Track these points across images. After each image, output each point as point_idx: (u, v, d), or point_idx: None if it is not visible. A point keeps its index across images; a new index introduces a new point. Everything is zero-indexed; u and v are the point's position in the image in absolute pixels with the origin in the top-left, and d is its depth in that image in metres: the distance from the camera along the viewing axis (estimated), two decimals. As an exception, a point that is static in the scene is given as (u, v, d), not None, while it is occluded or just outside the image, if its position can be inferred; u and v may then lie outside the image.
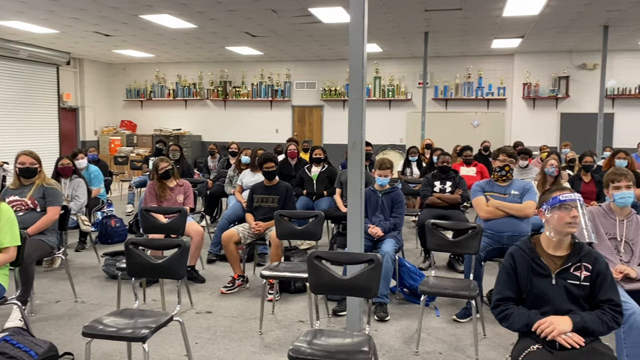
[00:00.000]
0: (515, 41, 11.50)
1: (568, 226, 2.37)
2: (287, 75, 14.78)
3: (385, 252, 4.34)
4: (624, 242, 3.47)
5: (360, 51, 3.84)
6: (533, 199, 4.49)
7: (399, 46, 12.26)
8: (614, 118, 12.74)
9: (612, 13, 8.79)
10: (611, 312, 2.29)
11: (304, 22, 9.68)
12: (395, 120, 14.25)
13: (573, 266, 2.38)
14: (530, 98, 13.17)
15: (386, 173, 4.86)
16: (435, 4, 8.29)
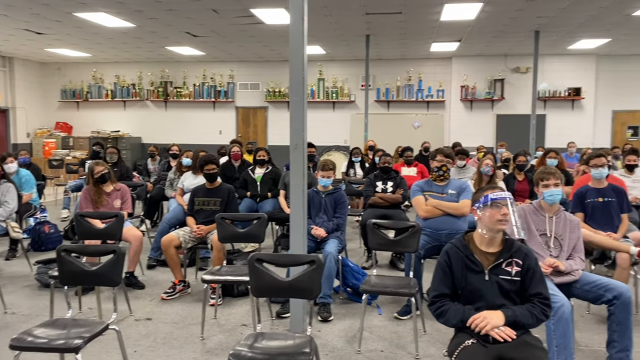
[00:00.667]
0: (452, 45, 11.87)
1: (499, 223, 2.46)
2: (231, 76, 14.62)
3: (329, 253, 4.37)
4: (554, 238, 3.64)
5: (300, 53, 3.85)
6: (469, 197, 4.63)
7: (342, 48, 12.38)
8: (545, 119, 13.38)
9: (542, 19, 9.22)
10: (540, 305, 2.40)
11: (246, 23, 9.60)
12: (339, 121, 14.38)
13: (505, 262, 2.47)
14: (467, 100, 13.62)
15: (329, 174, 4.90)
16: (376, 7, 8.43)
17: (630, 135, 13.42)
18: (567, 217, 3.69)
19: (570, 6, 8.28)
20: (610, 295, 3.25)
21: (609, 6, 8.29)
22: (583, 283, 3.41)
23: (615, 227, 4.57)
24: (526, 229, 3.66)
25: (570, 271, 3.44)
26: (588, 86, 13.17)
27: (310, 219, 4.83)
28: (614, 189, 4.72)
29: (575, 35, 10.75)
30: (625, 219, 4.66)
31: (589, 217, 4.66)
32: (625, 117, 13.44)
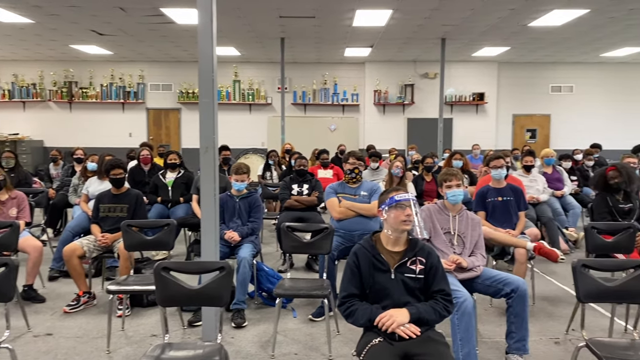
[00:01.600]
0: (365, 50, 12.17)
1: (403, 224, 2.55)
2: (141, 77, 14.07)
3: (242, 258, 4.32)
4: (457, 236, 3.82)
5: (209, 54, 3.78)
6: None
7: (257, 50, 12.31)
8: (452, 123, 14.07)
9: (447, 27, 9.69)
10: (443, 301, 2.50)
11: (156, 22, 9.29)
12: (256, 124, 14.29)
13: (409, 260, 2.56)
14: (380, 104, 14.02)
15: (242, 178, 4.84)
16: (290, 11, 8.46)
17: (529, 137, 14.43)
18: (469, 216, 3.89)
19: (472, 16, 8.76)
20: (509, 289, 3.45)
21: (507, 17, 8.85)
22: (484, 278, 3.60)
23: (513, 224, 4.89)
24: (431, 228, 3.81)
25: (472, 267, 3.62)
26: (491, 91, 14.00)
27: (224, 224, 4.75)
28: (512, 188, 5.04)
29: (478, 43, 11.39)
30: (523, 216, 4.99)
31: (490, 215, 4.95)
32: (524, 120, 14.43)
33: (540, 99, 14.25)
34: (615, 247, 4.01)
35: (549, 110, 14.34)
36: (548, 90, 14.31)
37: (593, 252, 4.08)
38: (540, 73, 14.12)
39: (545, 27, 9.59)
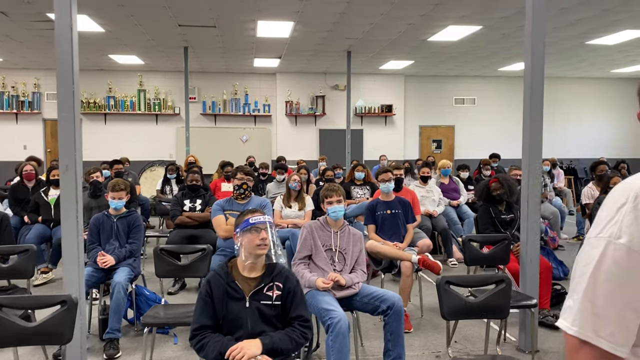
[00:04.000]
0: (274, 61, 12.08)
1: (258, 248, 2.42)
2: (36, 85, 13.16)
3: (117, 283, 4.03)
4: (338, 252, 3.76)
5: (69, 63, 3.51)
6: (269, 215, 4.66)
7: (161, 59, 11.88)
8: (363, 134, 14.28)
9: (351, 40, 9.80)
10: (300, 328, 2.40)
11: (46, 28, 8.68)
12: (164, 135, 13.77)
13: (266, 286, 2.43)
14: (292, 115, 13.98)
15: (120, 195, 4.54)
16: (188, 20, 8.20)
17: (435, 147, 14.94)
18: (351, 231, 3.85)
19: (373, 30, 8.90)
20: (385, 306, 3.42)
21: (406, 32, 9.08)
22: (362, 295, 3.56)
23: (401, 237, 4.92)
24: (312, 246, 3.73)
25: (351, 284, 3.57)
26: (398, 103, 14.36)
27: (100, 246, 4.42)
28: (400, 201, 5.09)
29: (383, 57, 11.63)
30: (411, 229, 5.04)
31: (379, 229, 4.96)
32: (430, 131, 14.92)
33: (444, 110, 14.80)
34: (491, 259, 4.11)
35: (453, 122, 14.92)
36: (452, 102, 14.89)
37: (471, 264, 4.16)
38: (444, 86, 14.68)
39: (443, 42, 9.94)
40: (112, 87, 13.35)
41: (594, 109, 15.33)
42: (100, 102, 13.27)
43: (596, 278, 1.06)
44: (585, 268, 1.08)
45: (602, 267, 1.05)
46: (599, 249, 1.09)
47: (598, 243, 1.10)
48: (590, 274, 1.07)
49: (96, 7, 7.38)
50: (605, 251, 1.08)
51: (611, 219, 1.11)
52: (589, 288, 1.06)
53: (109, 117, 13.48)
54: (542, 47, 3.94)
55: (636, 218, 1.08)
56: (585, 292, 1.06)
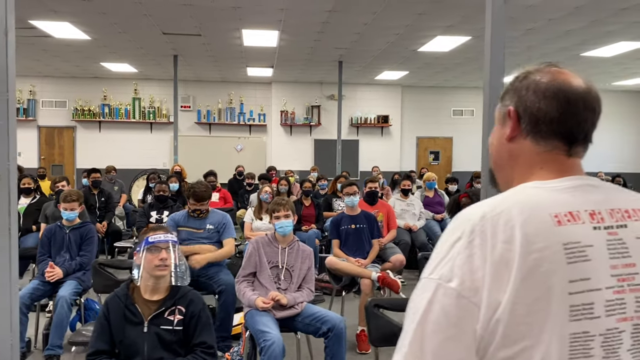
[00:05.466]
0: (267, 70, 12.00)
1: (157, 269, 2.27)
2: (32, 92, 13.19)
3: (60, 297, 3.90)
4: (285, 269, 3.60)
5: (2, 69, 3.38)
6: (231, 234, 4.39)
7: (154, 68, 11.85)
8: (358, 144, 14.13)
9: (340, 50, 9.68)
10: (202, 355, 2.24)
11: (31, 36, 8.67)
12: (158, 143, 13.72)
13: (167, 310, 2.28)
14: (287, 125, 13.87)
15: (72, 206, 4.41)
16: (172, 28, 8.13)
17: (432, 159, 14.73)
18: (300, 248, 3.69)
19: (360, 40, 8.78)
20: (325, 328, 3.25)
21: (395, 42, 8.94)
22: (304, 316, 3.39)
23: (365, 252, 4.75)
24: (257, 262, 3.58)
25: (293, 304, 3.40)
26: (395, 114, 14.20)
27: (50, 258, 4.30)
28: (366, 215, 4.92)
29: (377, 67, 11.50)
30: (376, 244, 4.86)
31: (343, 244, 4.79)
32: (427, 143, 14.73)
33: (442, 122, 14.60)
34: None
35: (451, 133, 14.72)
36: (450, 114, 14.70)
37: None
38: (442, 97, 14.48)
39: (435, 53, 9.79)
40: (107, 95, 13.35)
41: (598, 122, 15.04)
42: (95, 110, 13.27)
43: (423, 329, 0.89)
44: (414, 316, 0.92)
45: (430, 316, 0.90)
46: (428, 293, 0.92)
47: (428, 286, 0.94)
48: (417, 323, 0.90)
49: (76, 14, 7.34)
50: (434, 297, 0.91)
51: (444, 257, 0.95)
52: (415, 342, 0.89)
53: (103, 125, 13.47)
54: (502, 58, 3.78)
55: (469, 257, 0.91)
56: (411, 346, 0.90)
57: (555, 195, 0.97)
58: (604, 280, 0.91)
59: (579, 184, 1.01)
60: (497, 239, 0.91)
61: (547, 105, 1.03)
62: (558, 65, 1.11)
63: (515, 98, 1.07)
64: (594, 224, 0.95)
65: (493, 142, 1.12)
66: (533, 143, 1.05)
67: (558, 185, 1.00)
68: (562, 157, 1.05)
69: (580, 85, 1.06)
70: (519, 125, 1.05)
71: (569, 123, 1.04)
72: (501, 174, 1.11)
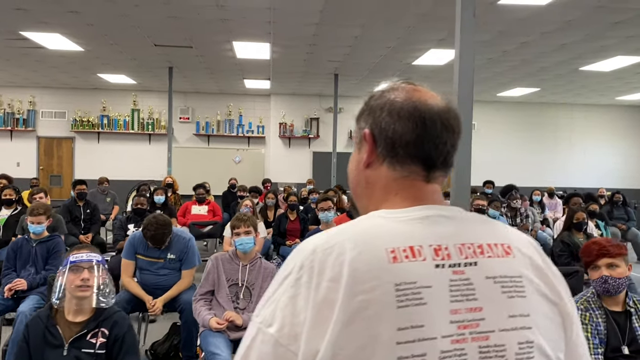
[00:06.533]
0: (264, 82, 11.97)
1: (78, 289, 2.18)
2: (32, 103, 13.26)
3: (21, 312, 3.82)
4: (245, 287, 3.49)
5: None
6: (192, 265, 4.15)
7: (151, 79, 11.88)
8: (358, 157, 14.01)
9: (334, 63, 9.63)
10: (125, 380, 2.14)
11: (25, 47, 8.71)
12: (156, 155, 13.69)
13: (90, 333, 2.18)
14: (286, 137, 13.81)
15: (39, 220, 4.35)
16: (162, 39, 8.12)
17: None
18: (262, 265, 3.59)
19: (353, 52, 8.72)
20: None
21: (388, 55, 8.87)
22: (260, 337, 3.27)
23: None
24: (215, 280, 3.48)
25: (249, 325, 3.29)
26: (395, 127, 14.08)
27: (15, 272, 4.23)
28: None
29: (373, 80, 11.41)
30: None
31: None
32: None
33: (443, 135, 14.46)
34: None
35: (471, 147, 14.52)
36: (451, 127, 14.55)
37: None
38: (442, 110, 14.35)
39: (430, 66, 9.69)
40: (107, 106, 13.39)
41: (600, 137, 14.81)
42: (94, 121, 13.31)
43: None
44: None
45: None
46: (248, 339, 0.83)
47: (250, 330, 0.84)
48: None
49: (65, 25, 7.35)
50: (253, 343, 0.81)
51: (270, 296, 0.85)
52: None
53: (102, 136, 13.50)
54: (471, 72, 3.68)
55: (293, 297, 0.80)
56: None
57: (399, 227, 0.86)
58: (440, 328, 0.79)
59: (430, 214, 0.89)
60: (324, 277, 0.80)
61: (403, 126, 0.93)
62: (414, 82, 1.01)
63: (370, 119, 0.96)
64: (437, 261, 0.84)
65: (351, 169, 1.02)
66: (390, 169, 0.94)
67: (405, 216, 0.88)
68: (419, 182, 0.94)
69: (437, 104, 0.96)
70: (375, 149, 0.95)
71: (426, 146, 0.93)
72: (360, 203, 1.00)
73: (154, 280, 4.08)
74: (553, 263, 0.95)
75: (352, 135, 1.07)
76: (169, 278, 4.09)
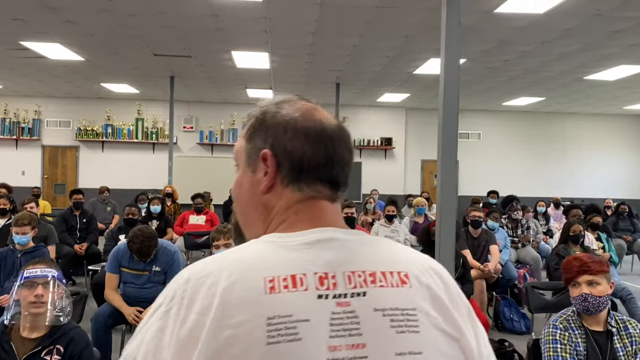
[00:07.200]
0: (267, 92, 11.95)
1: (32, 306, 2.12)
2: (37, 112, 13.36)
3: (1, 324, 3.76)
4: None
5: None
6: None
7: (154, 88, 11.91)
8: (361, 167, 13.93)
9: (335, 72, 9.58)
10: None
11: (26, 57, 8.77)
12: (160, 164, 13.66)
13: (45, 350, 2.12)
14: (289, 146, 13.76)
15: (24, 230, 4.31)
16: (162, 49, 8.13)
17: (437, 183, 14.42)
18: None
19: (352, 62, 8.67)
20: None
21: (388, 64, 8.81)
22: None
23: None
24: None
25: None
26: (399, 137, 14.01)
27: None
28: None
29: (375, 89, 11.37)
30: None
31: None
32: (432, 166, 14.42)
33: (448, 145, 14.33)
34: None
35: (457, 156, 14.40)
36: (456, 137, 14.43)
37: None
38: (447, 120, 14.24)
39: (432, 75, 9.59)
40: (111, 115, 13.46)
41: (608, 147, 14.61)
42: (98, 130, 13.38)
43: None
44: None
45: None
46: None
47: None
48: None
49: (64, 35, 7.38)
50: None
51: (141, 328, 0.78)
52: None
53: (106, 145, 13.56)
54: (457, 80, 3.61)
55: (160, 331, 0.73)
56: None
57: (284, 254, 0.79)
58: None
59: (323, 237, 0.81)
60: (192, 309, 0.73)
61: (312, 149, 0.86)
62: (306, 98, 0.94)
63: (271, 139, 0.87)
64: (321, 291, 0.76)
65: (242, 192, 0.92)
66: (294, 191, 0.86)
67: (295, 240, 0.81)
68: (324, 202, 0.87)
69: (335, 124, 0.90)
70: (278, 172, 0.86)
71: (335, 168, 0.87)
72: (252, 229, 0.90)
73: (138, 293, 4.01)
74: (548, 276, 0.87)
75: (236, 153, 0.96)
76: (152, 291, 4.00)
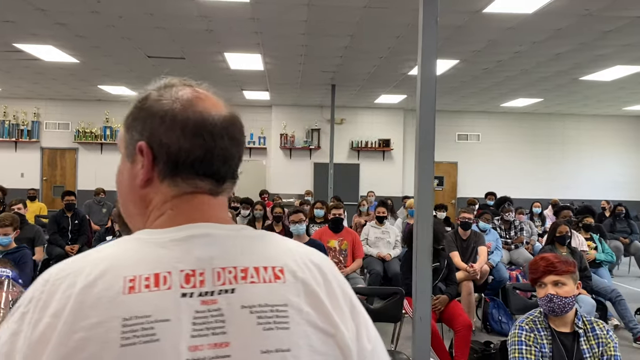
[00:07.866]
0: (264, 94, 11.96)
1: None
2: (36, 115, 13.42)
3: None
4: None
5: None
6: None
7: (151, 91, 11.91)
8: (359, 168, 13.91)
9: (329, 73, 9.56)
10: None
11: (21, 59, 8.81)
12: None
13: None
14: (287, 148, 13.77)
15: (6, 231, 4.34)
16: (155, 51, 8.14)
17: (436, 185, 14.38)
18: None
19: (346, 63, 8.65)
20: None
21: (381, 65, 8.78)
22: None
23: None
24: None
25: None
26: (397, 138, 13.97)
27: (-20, 283, 4.19)
28: (314, 244, 4.70)
29: (371, 90, 11.34)
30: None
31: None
32: (431, 168, 14.39)
33: (447, 146, 14.27)
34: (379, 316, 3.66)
35: (455, 158, 14.40)
36: (455, 138, 14.41)
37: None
38: (446, 121, 14.19)
39: (427, 77, 9.56)
40: (110, 117, 13.49)
41: (608, 148, 14.52)
42: (97, 132, 13.42)
43: None
44: None
45: None
46: None
47: None
48: None
49: (56, 37, 7.40)
50: None
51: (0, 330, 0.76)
52: None
53: (105, 147, 13.58)
54: (434, 82, 3.58)
55: (14, 335, 0.71)
56: None
57: (151, 251, 0.77)
58: None
59: (195, 233, 0.79)
60: (47, 312, 0.70)
61: (189, 143, 0.83)
62: (192, 84, 0.91)
63: (147, 131, 0.84)
64: (186, 290, 0.74)
65: (122, 183, 0.89)
66: (171, 186, 0.84)
67: (165, 237, 0.79)
68: (205, 197, 0.85)
69: (222, 114, 0.87)
70: (154, 166, 0.84)
71: (215, 163, 0.84)
72: (132, 222, 0.89)
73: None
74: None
75: (119, 141, 0.94)
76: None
